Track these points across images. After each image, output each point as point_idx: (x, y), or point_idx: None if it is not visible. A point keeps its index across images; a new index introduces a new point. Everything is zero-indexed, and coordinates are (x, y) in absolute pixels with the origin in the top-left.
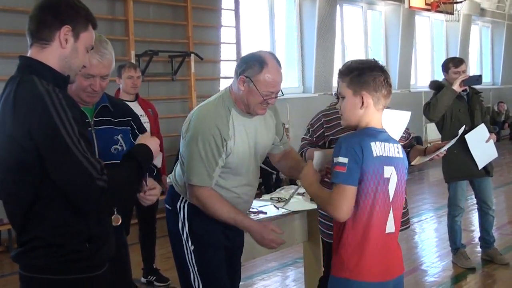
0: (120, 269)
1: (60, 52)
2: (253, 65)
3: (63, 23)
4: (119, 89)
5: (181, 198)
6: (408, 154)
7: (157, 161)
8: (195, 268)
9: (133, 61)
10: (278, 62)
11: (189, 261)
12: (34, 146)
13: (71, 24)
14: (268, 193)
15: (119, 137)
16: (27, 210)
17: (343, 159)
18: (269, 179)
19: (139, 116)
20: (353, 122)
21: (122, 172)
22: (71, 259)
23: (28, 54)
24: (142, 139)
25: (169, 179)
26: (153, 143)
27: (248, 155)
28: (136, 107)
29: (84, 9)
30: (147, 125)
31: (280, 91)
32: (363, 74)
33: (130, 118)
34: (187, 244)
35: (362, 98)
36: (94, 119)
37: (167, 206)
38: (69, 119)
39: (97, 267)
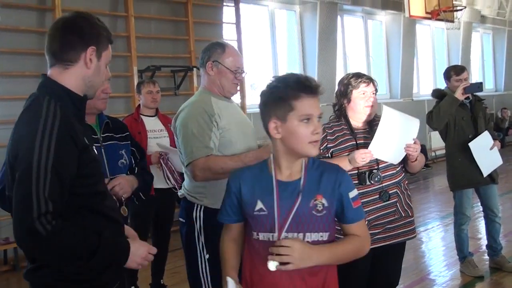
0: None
1: (84, 72)
2: (215, 50)
3: (88, 44)
4: (139, 105)
5: (195, 207)
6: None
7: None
8: (208, 278)
9: (135, 77)
10: None
11: (202, 272)
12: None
13: (95, 45)
14: None
15: (123, 151)
16: None
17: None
18: None
19: (159, 131)
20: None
21: (77, 236)
22: (73, 279)
23: (48, 74)
24: (135, 242)
25: (180, 192)
26: (139, 251)
27: (243, 127)
28: (156, 122)
29: (105, 28)
30: (166, 140)
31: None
32: None
33: (128, 133)
34: (202, 254)
35: None
36: (102, 135)
37: (181, 219)
38: (49, 148)
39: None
